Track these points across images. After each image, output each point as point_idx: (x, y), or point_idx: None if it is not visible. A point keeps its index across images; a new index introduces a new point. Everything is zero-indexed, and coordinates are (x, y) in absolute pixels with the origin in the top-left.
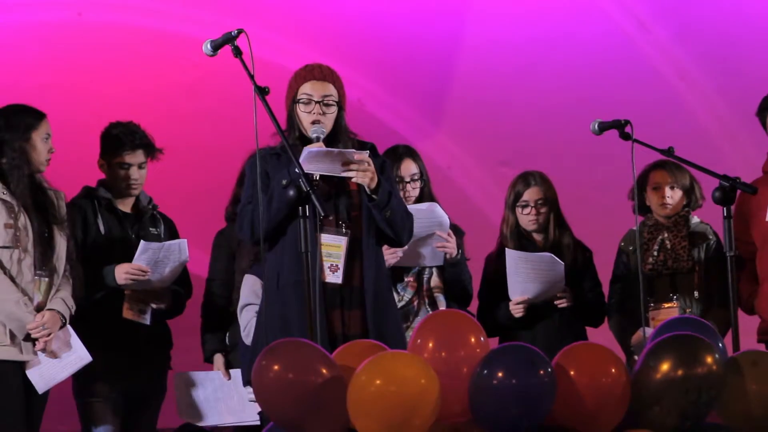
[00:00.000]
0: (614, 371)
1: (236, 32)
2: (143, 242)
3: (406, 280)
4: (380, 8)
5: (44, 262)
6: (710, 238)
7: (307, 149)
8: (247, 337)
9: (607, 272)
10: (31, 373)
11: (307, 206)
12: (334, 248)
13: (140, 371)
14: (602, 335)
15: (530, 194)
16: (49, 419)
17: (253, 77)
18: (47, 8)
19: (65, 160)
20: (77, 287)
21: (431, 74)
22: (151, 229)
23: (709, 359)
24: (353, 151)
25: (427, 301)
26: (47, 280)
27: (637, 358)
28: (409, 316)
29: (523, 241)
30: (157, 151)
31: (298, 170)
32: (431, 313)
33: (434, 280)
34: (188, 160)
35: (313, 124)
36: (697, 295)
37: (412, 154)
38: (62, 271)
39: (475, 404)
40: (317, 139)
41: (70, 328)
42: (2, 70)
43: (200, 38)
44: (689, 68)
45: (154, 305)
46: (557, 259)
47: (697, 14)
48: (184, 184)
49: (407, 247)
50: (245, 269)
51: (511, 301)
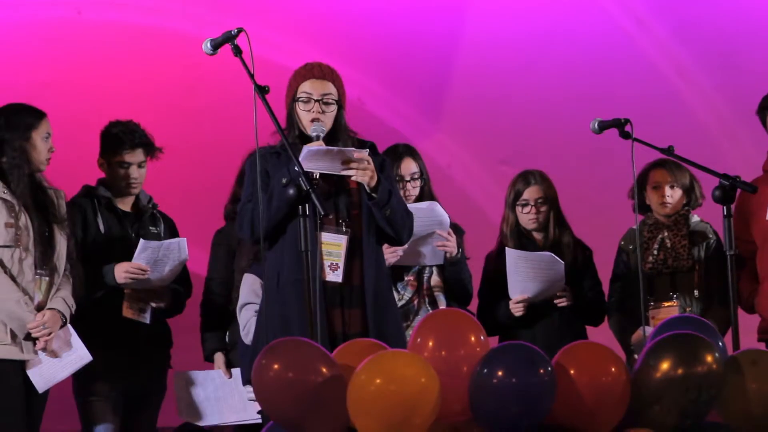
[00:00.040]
0: (614, 370)
1: (236, 31)
2: (143, 241)
3: (406, 279)
4: (380, 7)
5: (45, 261)
6: (710, 237)
7: (306, 148)
8: (246, 336)
9: (607, 271)
10: (31, 372)
11: (307, 205)
12: (334, 247)
13: (140, 370)
14: (602, 334)
15: (530, 193)
16: (49, 418)
17: (252, 76)
18: (47, 6)
19: (65, 158)
20: (77, 286)
21: (431, 73)
22: (150, 228)
23: (709, 358)
24: (353, 149)
25: (427, 300)
26: (48, 279)
27: (637, 357)
28: (409, 315)
29: (523, 240)
30: (156, 150)
31: (297, 169)
32: (431, 312)
33: (434, 279)
34: (188, 159)
35: (312, 122)
36: (697, 294)
37: (412, 152)
38: (62, 270)
39: (475, 403)
40: (317, 137)
41: (70, 327)
42: (2, 68)
43: (200, 37)
44: (689, 66)
45: (153, 304)
46: (557, 258)
47: (696, 12)
48: (183, 183)
49: (407, 246)
50: (245, 268)
51: (511, 300)
